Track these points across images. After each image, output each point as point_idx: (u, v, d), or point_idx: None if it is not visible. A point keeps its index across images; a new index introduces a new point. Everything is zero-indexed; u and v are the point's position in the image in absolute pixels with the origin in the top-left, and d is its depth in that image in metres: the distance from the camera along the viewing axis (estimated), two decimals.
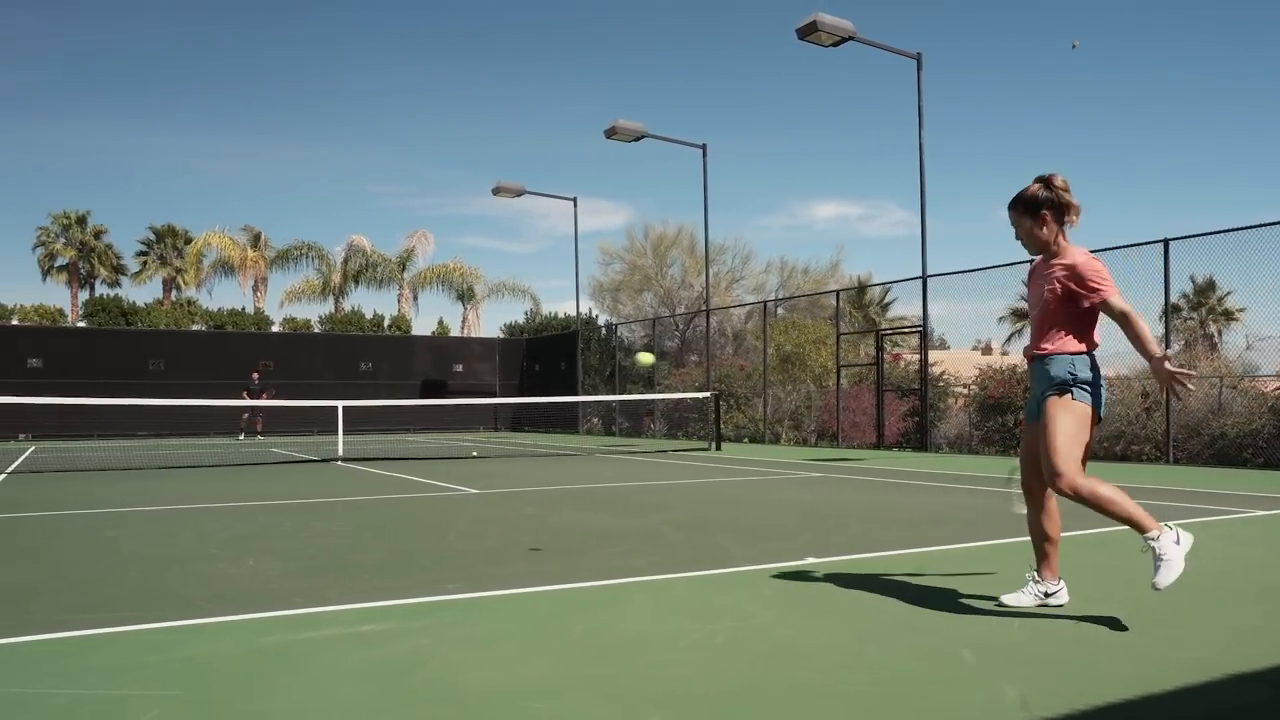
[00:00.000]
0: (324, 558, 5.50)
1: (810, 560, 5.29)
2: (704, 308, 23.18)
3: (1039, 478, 3.96)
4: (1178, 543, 3.65)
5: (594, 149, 75.05)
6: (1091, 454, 3.98)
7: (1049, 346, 3.85)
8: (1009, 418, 15.44)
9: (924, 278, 16.40)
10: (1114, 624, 3.72)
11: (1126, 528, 3.82)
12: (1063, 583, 4.05)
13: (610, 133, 21.22)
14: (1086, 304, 3.77)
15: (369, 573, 5.00)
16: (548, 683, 3.00)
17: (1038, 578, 4.04)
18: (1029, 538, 4.15)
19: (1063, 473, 3.72)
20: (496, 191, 26.08)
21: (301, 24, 67.26)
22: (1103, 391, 3.86)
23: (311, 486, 10.40)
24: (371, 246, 34.90)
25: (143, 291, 47.69)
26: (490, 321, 38.14)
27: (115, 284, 48.90)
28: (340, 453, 15.73)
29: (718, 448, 17.53)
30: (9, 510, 8.15)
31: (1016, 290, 17.46)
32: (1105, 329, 3.94)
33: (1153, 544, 3.66)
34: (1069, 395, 3.78)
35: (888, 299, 29.88)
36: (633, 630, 3.71)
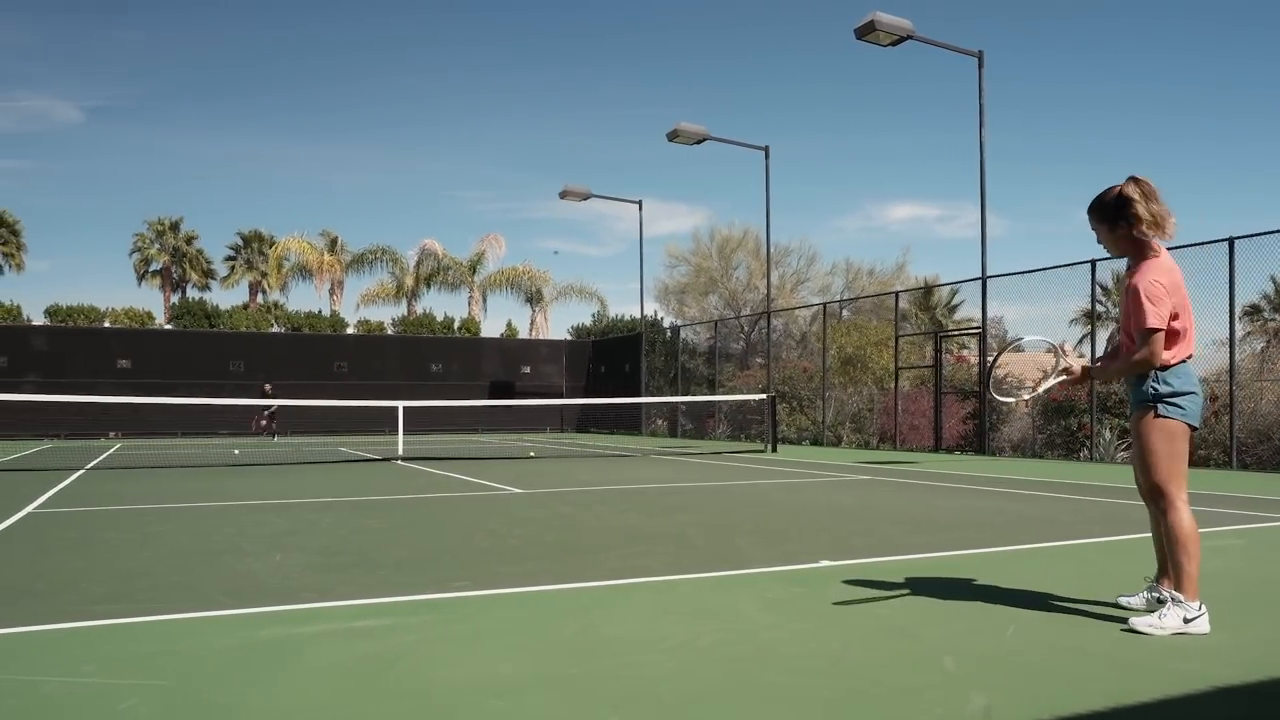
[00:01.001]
0: (350, 554, 5.65)
1: (824, 563, 5.25)
2: (766, 310, 23.05)
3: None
4: (1188, 620, 3.60)
5: (667, 153, 75.08)
6: None
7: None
8: (1071, 421, 15.04)
9: (983, 279, 16.07)
10: (1115, 634, 3.63)
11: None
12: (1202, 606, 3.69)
13: (672, 135, 21.23)
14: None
15: (387, 569, 5.12)
16: (516, 681, 3.05)
17: (1158, 589, 3.91)
18: (1151, 545, 4.02)
19: (1166, 493, 3.73)
20: (563, 195, 26.33)
21: (387, 29, 68.79)
22: (1197, 401, 3.74)
23: (363, 485, 10.66)
24: (443, 250, 35.60)
25: (231, 295, 49.31)
26: (558, 324, 38.57)
27: (205, 288, 50.74)
28: (400, 452, 16.07)
29: (774, 450, 17.42)
30: (77, 504, 8.53)
31: (1089, 291, 16.93)
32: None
33: (1178, 602, 3.64)
34: (1151, 413, 3.73)
35: (955, 301, 29.31)
36: (621, 630, 3.74)
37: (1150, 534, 4.06)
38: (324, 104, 68.49)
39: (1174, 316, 3.66)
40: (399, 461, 14.84)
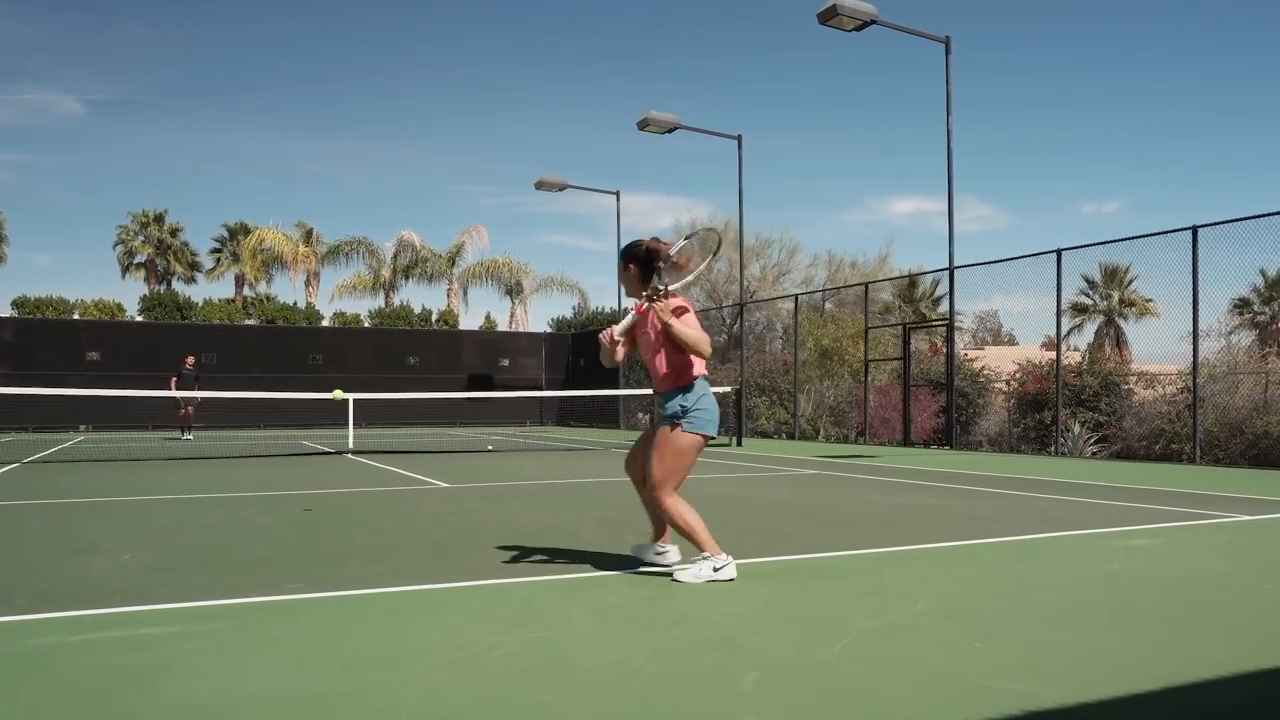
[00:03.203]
0: (205, 553, 5.32)
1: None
2: (740, 301, 22.71)
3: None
4: (716, 570, 4.39)
5: (668, 148, 74.89)
6: (1130, 453, 3.82)
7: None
8: (1046, 414, 14.70)
9: (950, 269, 15.72)
10: (953, 648, 3.30)
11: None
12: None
13: (643, 124, 20.85)
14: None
15: (229, 570, 4.79)
16: (253, 699, 2.72)
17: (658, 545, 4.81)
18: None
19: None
20: (539, 185, 25.99)
21: (384, 25, 68.43)
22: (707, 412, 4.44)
23: (294, 479, 10.33)
24: (421, 242, 35.18)
25: (216, 288, 48.97)
26: (540, 317, 38.30)
27: (191, 280, 50.44)
28: (350, 445, 15.75)
29: (738, 444, 17.09)
30: None
31: (1076, 285, 16.50)
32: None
33: (706, 558, 4.41)
34: (679, 426, 4.41)
35: (938, 293, 28.91)
36: (419, 640, 3.41)
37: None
38: (317, 98, 68.20)
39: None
40: (349, 455, 14.52)
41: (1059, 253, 14.42)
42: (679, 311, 4.37)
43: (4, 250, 49.54)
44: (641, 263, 4.54)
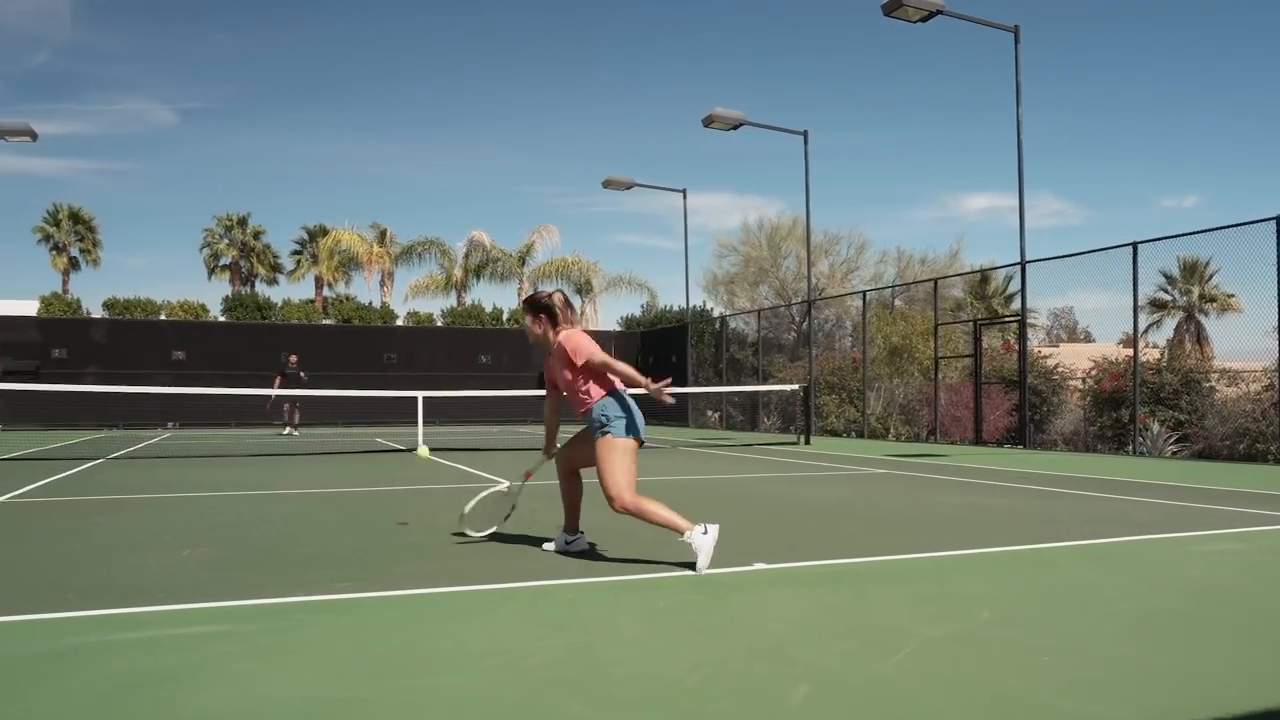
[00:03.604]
0: (263, 550, 5.32)
1: (757, 566, 4.76)
2: (808, 299, 22.36)
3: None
4: (705, 533, 4.59)
5: (742, 147, 74.46)
6: (1212, 453, 3.65)
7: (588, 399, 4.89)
8: (1123, 412, 14.11)
9: (1022, 263, 15.19)
10: (1019, 662, 3.08)
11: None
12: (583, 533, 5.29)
13: (708, 121, 20.65)
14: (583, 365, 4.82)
15: (283, 568, 4.78)
16: (272, 706, 2.64)
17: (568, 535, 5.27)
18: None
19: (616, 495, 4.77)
20: (606, 184, 25.95)
21: (460, 28, 69.46)
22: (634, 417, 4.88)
23: (358, 475, 10.41)
24: (491, 241, 35.44)
25: (297, 289, 50.15)
26: (609, 315, 38.32)
27: (273, 282, 51.82)
28: (420, 442, 15.88)
29: (806, 442, 16.79)
30: (58, 493, 8.41)
31: (1155, 281, 15.80)
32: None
33: (688, 541, 4.59)
34: (609, 433, 4.80)
35: (1011, 289, 28.10)
36: (455, 644, 3.31)
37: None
38: (392, 101, 69.55)
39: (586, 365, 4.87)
40: (419, 452, 14.63)
41: (1134, 245, 13.80)
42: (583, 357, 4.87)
43: (98, 254, 51.65)
44: (549, 313, 5.01)
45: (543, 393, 5.47)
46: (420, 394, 15.38)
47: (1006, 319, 18.08)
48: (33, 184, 67.56)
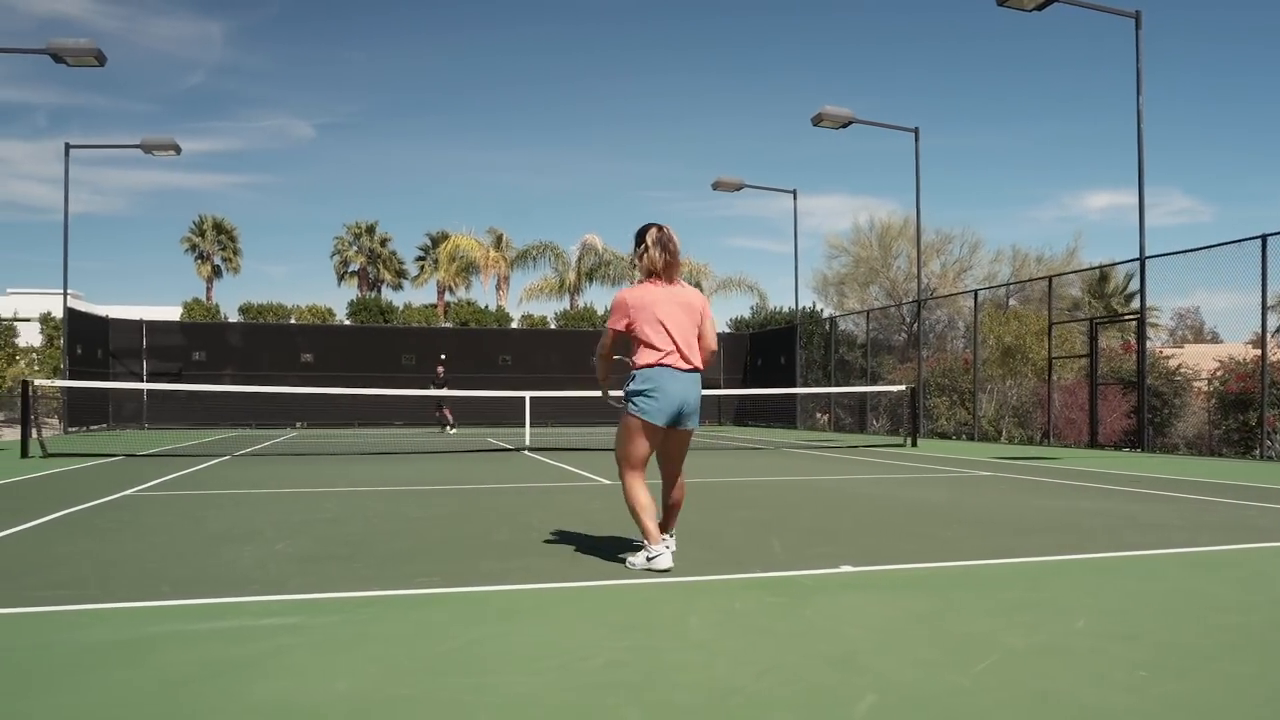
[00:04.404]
0: (353, 544, 5.42)
1: (843, 569, 4.60)
2: (918, 298, 21.73)
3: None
4: (649, 559, 4.50)
5: (859, 148, 73.28)
6: None
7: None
8: (1251, 415, 13.21)
9: (1140, 259, 14.37)
10: (1110, 677, 2.87)
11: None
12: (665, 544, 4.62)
13: (817, 120, 20.35)
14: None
15: (367, 563, 4.85)
16: (330, 699, 2.64)
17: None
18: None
19: (619, 468, 4.72)
20: (716, 186, 25.84)
21: (586, 38, 70.60)
22: (652, 400, 4.54)
23: (461, 474, 10.59)
24: (603, 245, 35.74)
25: (421, 294, 51.65)
26: (719, 317, 38.09)
27: (398, 287, 53.62)
28: (527, 442, 16.09)
29: (913, 444, 16.30)
30: (178, 488, 8.83)
31: None
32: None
33: (645, 547, 4.55)
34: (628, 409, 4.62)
35: (1131, 288, 26.70)
36: (520, 642, 3.27)
37: None
38: (509, 110, 70.97)
39: (630, 326, 4.58)
40: (525, 451, 14.85)
41: (1264, 239, 12.87)
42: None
43: (239, 262, 54.40)
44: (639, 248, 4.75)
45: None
46: (527, 394, 15.58)
47: (1124, 317, 17.16)
48: (183, 197, 72.20)
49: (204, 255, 52.56)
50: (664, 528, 4.79)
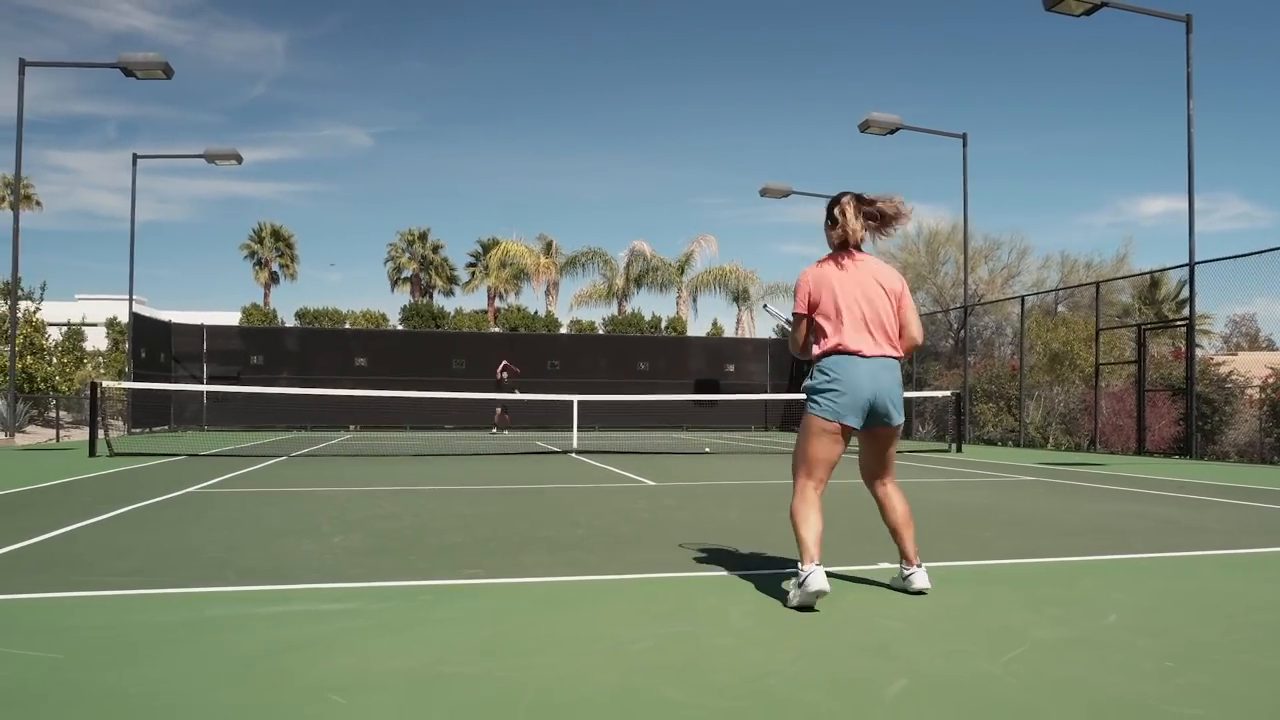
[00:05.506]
0: (406, 539, 5.63)
1: (881, 565, 4.70)
2: (965, 304, 21.60)
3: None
4: (801, 585, 3.70)
5: (911, 154, 72.85)
6: None
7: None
8: None
9: (1190, 264, 14.19)
10: (1137, 667, 2.95)
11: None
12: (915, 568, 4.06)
13: (864, 126, 20.37)
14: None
15: (421, 554, 5.04)
16: (386, 675, 2.83)
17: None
18: None
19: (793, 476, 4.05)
20: (764, 192, 25.88)
21: (636, 49, 71.23)
22: (835, 397, 3.89)
23: (510, 474, 10.81)
24: (651, 251, 35.97)
25: (472, 300, 52.37)
26: (767, 322, 38.12)
27: (449, 293, 54.38)
28: (575, 445, 16.30)
29: (958, 449, 16.23)
30: (236, 486, 9.16)
31: None
32: None
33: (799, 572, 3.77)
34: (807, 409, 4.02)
35: (1183, 295, 26.23)
36: (565, 629, 3.44)
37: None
38: (559, 117, 71.65)
39: (814, 308, 3.94)
40: (572, 454, 15.06)
41: None
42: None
43: (296, 268, 55.54)
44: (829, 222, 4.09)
45: (698, 396, 5.13)
46: (575, 398, 15.79)
47: (1173, 323, 16.91)
48: (243, 205, 74.17)
49: (262, 261, 53.77)
50: (904, 556, 4.08)
